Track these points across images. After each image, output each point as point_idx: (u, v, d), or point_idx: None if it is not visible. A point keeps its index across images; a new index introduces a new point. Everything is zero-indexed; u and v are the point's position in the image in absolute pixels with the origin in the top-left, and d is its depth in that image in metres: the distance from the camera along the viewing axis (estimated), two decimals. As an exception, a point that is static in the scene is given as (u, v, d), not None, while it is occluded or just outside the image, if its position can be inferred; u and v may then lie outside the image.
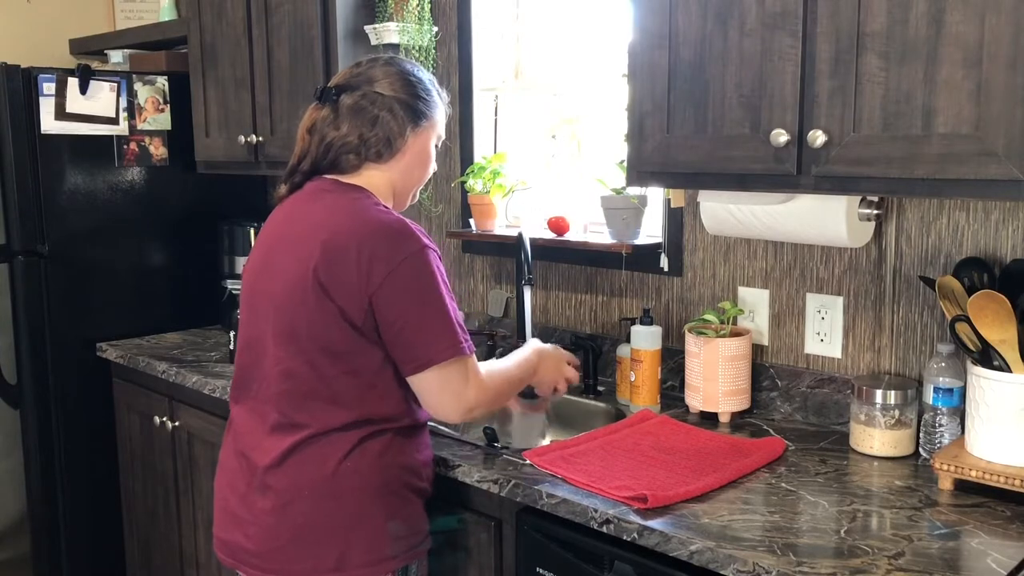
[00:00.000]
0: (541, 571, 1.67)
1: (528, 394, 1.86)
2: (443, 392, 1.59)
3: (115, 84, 2.91)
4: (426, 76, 1.73)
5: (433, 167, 1.77)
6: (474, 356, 1.62)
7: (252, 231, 3.03)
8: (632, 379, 2.12)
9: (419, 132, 1.69)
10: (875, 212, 1.83)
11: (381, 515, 1.60)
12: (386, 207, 1.63)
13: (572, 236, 2.40)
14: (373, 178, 1.67)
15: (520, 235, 2.24)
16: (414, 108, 1.67)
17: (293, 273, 1.57)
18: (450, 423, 1.74)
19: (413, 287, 1.54)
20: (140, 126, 2.98)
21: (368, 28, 2.54)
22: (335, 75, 1.73)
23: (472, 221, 2.59)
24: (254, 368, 1.65)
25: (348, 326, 1.54)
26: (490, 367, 1.71)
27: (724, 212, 1.95)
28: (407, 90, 1.67)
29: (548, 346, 1.92)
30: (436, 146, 1.76)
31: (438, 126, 1.74)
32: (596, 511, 1.55)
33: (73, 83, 2.84)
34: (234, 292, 2.96)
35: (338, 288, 1.53)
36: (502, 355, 2.04)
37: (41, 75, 2.79)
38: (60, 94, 2.82)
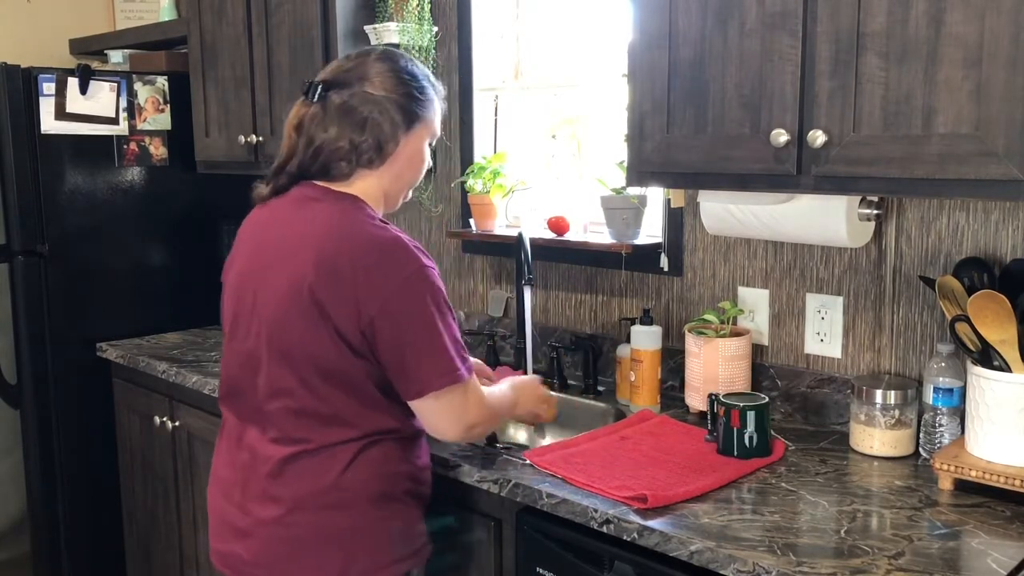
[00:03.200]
0: (541, 571, 1.67)
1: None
2: (442, 415, 1.56)
3: (115, 84, 2.91)
4: (421, 71, 1.65)
5: (427, 165, 1.70)
6: (474, 377, 1.58)
7: (252, 231, 3.03)
8: (632, 379, 2.12)
9: (412, 134, 1.62)
10: (875, 212, 1.83)
11: (383, 522, 1.59)
12: (382, 220, 1.57)
13: (572, 236, 2.40)
14: (364, 184, 1.60)
15: (520, 235, 2.24)
16: (407, 109, 1.60)
17: (285, 289, 1.52)
18: (450, 442, 1.71)
19: (410, 311, 1.49)
20: (140, 126, 2.98)
21: (368, 28, 2.54)
22: (325, 68, 1.66)
23: (472, 221, 2.59)
24: (248, 379, 1.60)
25: (344, 346, 1.50)
26: (488, 390, 1.68)
27: (724, 212, 1.95)
28: (400, 89, 1.59)
29: (524, 378, 1.89)
30: (431, 145, 1.69)
31: (432, 125, 1.67)
32: (596, 511, 1.55)
33: (73, 83, 2.84)
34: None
35: (335, 308, 1.48)
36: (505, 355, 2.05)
37: (41, 75, 2.80)
38: (60, 94, 2.82)
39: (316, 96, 1.59)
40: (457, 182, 2.67)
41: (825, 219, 1.81)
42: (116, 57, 3.26)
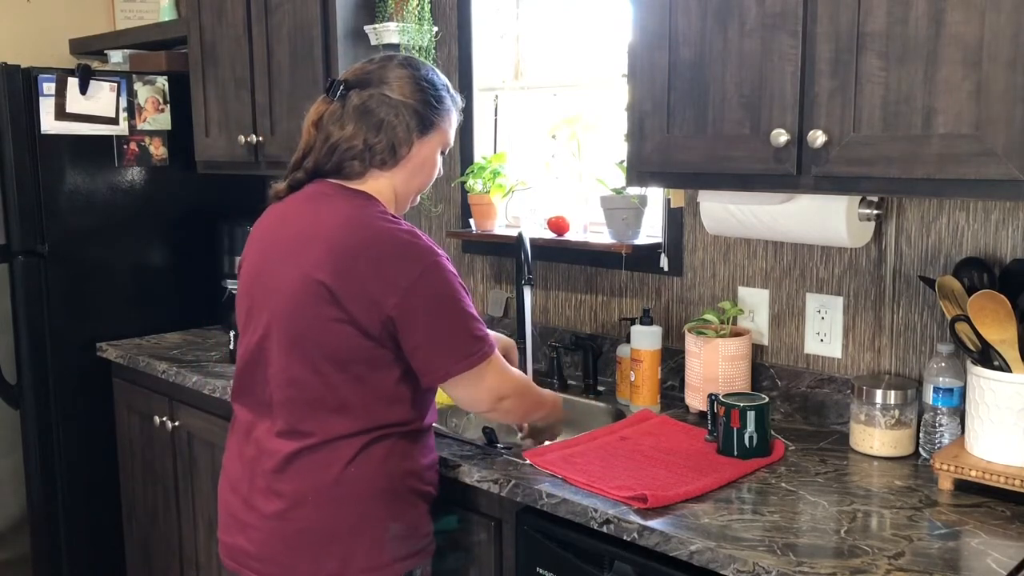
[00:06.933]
0: (541, 571, 1.67)
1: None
2: (473, 391, 1.63)
3: (115, 84, 2.91)
4: (440, 81, 1.69)
5: (438, 173, 1.75)
6: (497, 353, 1.64)
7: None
8: (632, 379, 2.12)
9: (425, 140, 1.66)
10: (875, 212, 1.83)
11: (385, 520, 1.60)
12: (393, 216, 1.61)
13: (572, 236, 2.40)
14: (376, 184, 1.64)
15: (520, 235, 2.24)
16: (422, 115, 1.64)
17: (298, 280, 1.54)
18: (484, 415, 1.76)
19: (432, 301, 1.53)
20: (140, 126, 2.98)
21: (368, 28, 2.54)
22: (348, 68, 1.69)
23: (472, 221, 2.59)
24: (256, 373, 1.63)
25: (359, 334, 1.52)
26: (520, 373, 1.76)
27: (724, 212, 1.95)
28: (417, 96, 1.64)
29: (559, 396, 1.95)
30: (443, 153, 1.74)
31: (446, 134, 1.71)
32: (596, 511, 1.55)
33: (73, 83, 2.84)
34: (234, 292, 2.96)
35: (350, 298, 1.51)
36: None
37: (41, 75, 2.79)
38: (60, 94, 2.82)
39: (337, 94, 1.64)
40: (457, 182, 2.67)
41: (825, 219, 1.81)
42: (116, 57, 3.26)
